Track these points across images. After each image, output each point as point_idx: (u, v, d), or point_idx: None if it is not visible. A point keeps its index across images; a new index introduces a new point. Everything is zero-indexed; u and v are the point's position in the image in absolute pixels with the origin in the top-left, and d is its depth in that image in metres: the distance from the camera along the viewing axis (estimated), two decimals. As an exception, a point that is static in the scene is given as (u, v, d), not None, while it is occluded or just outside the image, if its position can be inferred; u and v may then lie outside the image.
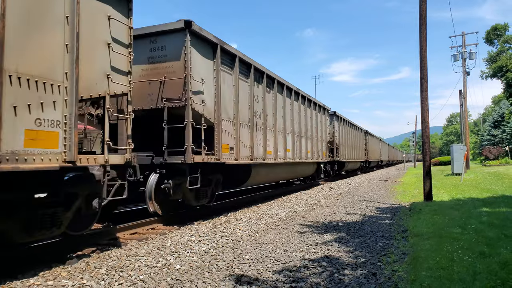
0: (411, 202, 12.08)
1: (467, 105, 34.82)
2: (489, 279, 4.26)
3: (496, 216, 8.34)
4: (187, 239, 6.80)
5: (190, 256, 5.86)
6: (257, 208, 11.09)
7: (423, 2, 11.96)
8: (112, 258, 5.70)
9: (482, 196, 12.52)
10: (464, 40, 35.10)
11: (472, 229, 6.96)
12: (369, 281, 4.58)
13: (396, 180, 24.86)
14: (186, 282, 4.70)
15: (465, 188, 15.58)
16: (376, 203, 12.44)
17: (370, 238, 7.00)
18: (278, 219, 9.31)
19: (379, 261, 5.46)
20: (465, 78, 34.10)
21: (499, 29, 65.94)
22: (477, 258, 5.10)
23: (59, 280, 4.71)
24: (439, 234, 6.73)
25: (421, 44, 12.00)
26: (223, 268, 5.25)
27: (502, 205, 10.07)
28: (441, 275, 4.46)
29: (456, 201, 11.34)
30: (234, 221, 8.75)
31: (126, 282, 4.69)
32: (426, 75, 11.95)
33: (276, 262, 5.49)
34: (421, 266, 4.88)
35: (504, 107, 59.84)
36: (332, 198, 14.32)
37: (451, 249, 5.58)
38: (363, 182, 22.98)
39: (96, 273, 4.97)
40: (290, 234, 7.57)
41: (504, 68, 61.91)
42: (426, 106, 11.98)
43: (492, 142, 57.77)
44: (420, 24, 12.01)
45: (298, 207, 11.35)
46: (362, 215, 9.80)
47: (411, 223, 8.18)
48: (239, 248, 6.48)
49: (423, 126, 12.14)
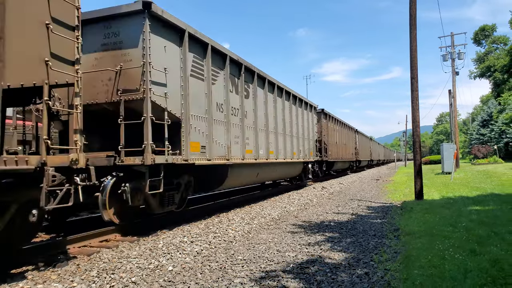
0: (403, 201, 12.16)
1: (457, 105, 35.23)
2: (480, 276, 4.30)
3: (486, 214, 8.44)
4: (180, 240, 6.76)
5: (182, 257, 5.82)
6: (249, 208, 11.08)
7: (413, 2, 12.06)
8: (104, 260, 5.64)
9: (472, 194, 12.66)
10: (453, 40, 35.50)
11: (462, 227, 7.03)
12: (362, 280, 4.60)
13: (387, 179, 25.03)
14: (178, 283, 4.67)
15: (455, 187, 15.74)
16: (368, 202, 12.51)
17: (362, 237, 7.03)
18: (270, 219, 9.31)
19: (372, 260, 5.48)
20: (455, 78, 34.49)
21: (487, 29, 66.90)
22: (468, 256, 5.15)
23: (48, 283, 4.64)
24: (431, 232, 6.78)
25: (411, 44, 12.10)
26: (216, 269, 5.23)
27: (491, 203, 10.19)
28: (433, 273, 4.50)
29: (447, 200, 11.46)
30: (227, 221, 8.72)
31: (117, 284, 4.64)
32: (417, 75, 12.05)
33: (269, 263, 5.48)
34: (413, 265, 4.91)
35: (492, 106, 60.64)
36: (324, 197, 14.36)
37: (442, 247, 5.62)
38: (354, 181, 23.10)
39: (87, 275, 4.91)
40: (283, 234, 7.56)
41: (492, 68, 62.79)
42: (416, 106, 12.08)
43: (481, 141, 58.48)
44: (410, 24, 12.11)
45: (290, 207, 11.35)
46: (354, 214, 9.84)
47: (403, 221, 8.24)
48: (232, 248, 6.46)
49: (414, 126, 12.24)
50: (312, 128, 19.31)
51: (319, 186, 18.40)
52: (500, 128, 51.38)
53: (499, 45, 65.75)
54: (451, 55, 35.09)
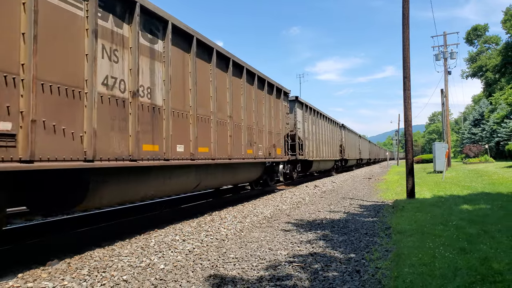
0: (394, 199, 12.24)
1: (449, 104, 35.49)
2: (470, 274, 4.35)
3: (476, 213, 8.53)
4: (171, 239, 6.74)
5: (174, 256, 5.81)
6: (242, 206, 11.08)
7: (406, 2, 12.11)
8: (95, 258, 5.61)
9: (462, 193, 12.78)
10: (446, 40, 35.76)
11: (453, 226, 7.10)
12: (353, 279, 4.62)
13: (380, 178, 25.18)
14: (170, 281, 4.65)
15: (447, 186, 15.88)
16: (360, 200, 12.57)
17: (354, 236, 7.07)
18: (263, 218, 9.32)
19: (363, 258, 5.51)
20: (447, 78, 34.74)
21: (479, 29, 67.50)
22: (458, 254, 5.20)
23: (39, 281, 4.60)
24: (422, 231, 6.83)
25: (404, 44, 12.16)
26: (207, 267, 5.22)
27: (481, 202, 10.29)
28: (423, 271, 4.53)
29: (438, 199, 11.55)
30: (219, 220, 8.72)
31: (108, 282, 4.62)
32: (409, 74, 12.12)
33: (261, 261, 5.48)
34: (404, 263, 4.94)
35: (484, 106, 61.26)
36: (317, 196, 14.41)
37: (433, 246, 5.67)
38: (347, 180, 23.21)
39: (77, 274, 4.88)
40: (275, 232, 7.57)
41: (483, 67, 63.37)
42: (408, 105, 12.15)
43: (472, 140, 59.08)
44: (403, 23, 12.16)
45: (283, 205, 11.38)
46: (346, 213, 9.89)
47: (394, 220, 8.29)
48: (224, 247, 6.46)
49: (406, 125, 12.30)
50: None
51: (311, 185, 18.43)
52: (492, 127, 51.94)
53: (491, 45, 66.40)
54: (444, 55, 35.36)
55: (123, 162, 6.32)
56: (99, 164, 5.79)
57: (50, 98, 5.09)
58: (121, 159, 6.29)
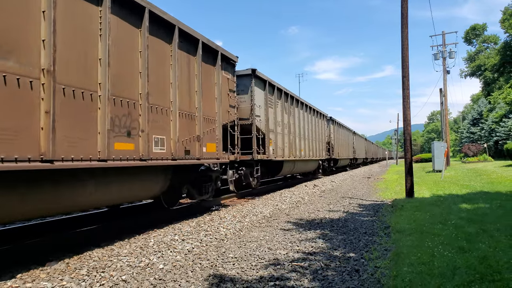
0: (393, 198, 12.25)
1: (448, 103, 35.53)
2: (468, 273, 4.35)
3: (475, 212, 8.54)
4: (170, 238, 6.74)
5: (173, 256, 5.81)
6: (241, 206, 11.07)
7: (405, 1, 12.11)
8: (94, 258, 5.60)
9: (461, 192, 12.80)
10: (444, 39, 35.79)
11: (452, 225, 7.10)
12: (352, 278, 4.62)
13: (379, 177, 25.20)
14: (169, 281, 4.65)
15: (446, 185, 15.90)
16: (359, 200, 12.58)
17: (353, 235, 7.07)
18: (262, 217, 9.32)
19: (362, 257, 5.51)
20: (445, 77, 34.77)
21: (478, 29, 67.53)
22: (457, 253, 5.21)
23: (38, 282, 4.60)
24: (421, 230, 6.84)
25: (403, 43, 12.17)
26: (207, 267, 5.22)
27: (480, 201, 10.31)
28: (422, 271, 4.54)
29: (437, 198, 11.56)
30: (218, 219, 8.71)
31: (107, 282, 4.61)
32: (408, 73, 12.12)
33: (260, 260, 5.48)
34: (403, 262, 4.95)
35: (482, 105, 61.36)
36: (316, 195, 14.41)
37: (432, 245, 5.67)
38: (346, 179, 23.22)
39: (76, 274, 4.87)
40: (274, 231, 7.57)
41: (482, 67, 63.46)
42: (407, 104, 12.15)
43: (471, 139, 59.19)
44: (402, 23, 12.16)
45: (282, 205, 11.38)
46: (345, 212, 9.89)
47: (393, 219, 8.29)
48: (223, 246, 6.46)
49: (405, 124, 12.31)
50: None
51: (311, 184, 18.45)
52: (490, 126, 52.02)
53: (489, 44, 66.46)
54: (442, 54, 35.39)
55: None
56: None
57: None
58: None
